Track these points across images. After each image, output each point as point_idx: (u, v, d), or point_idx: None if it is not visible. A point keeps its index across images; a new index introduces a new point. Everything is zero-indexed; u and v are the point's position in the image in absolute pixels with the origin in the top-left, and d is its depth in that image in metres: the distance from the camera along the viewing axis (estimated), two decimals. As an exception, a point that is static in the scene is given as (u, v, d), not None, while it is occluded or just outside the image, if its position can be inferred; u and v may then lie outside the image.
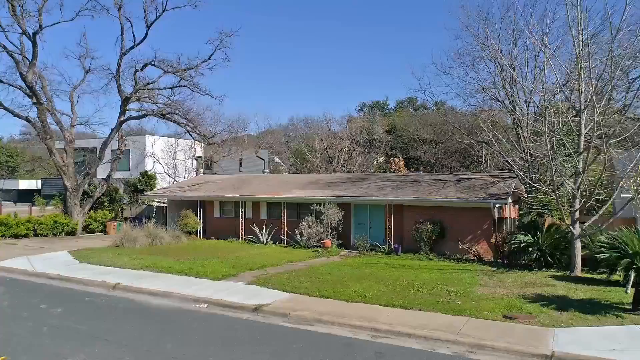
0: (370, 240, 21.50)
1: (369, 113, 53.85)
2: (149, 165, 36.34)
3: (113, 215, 28.59)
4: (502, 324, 9.68)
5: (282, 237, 23.31)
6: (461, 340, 8.66)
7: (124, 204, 29.84)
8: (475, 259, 18.73)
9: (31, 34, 23.15)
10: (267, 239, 23.30)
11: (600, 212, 15.22)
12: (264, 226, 23.62)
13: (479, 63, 22.23)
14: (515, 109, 19.74)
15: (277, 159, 51.28)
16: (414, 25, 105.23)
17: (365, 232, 22.12)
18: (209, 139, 25.62)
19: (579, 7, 14.81)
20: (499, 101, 20.74)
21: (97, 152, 27.39)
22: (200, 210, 25.78)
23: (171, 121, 25.55)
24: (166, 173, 34.38)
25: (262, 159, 46.66)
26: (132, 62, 25.19)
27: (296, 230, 22.54)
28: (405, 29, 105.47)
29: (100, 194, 27.85)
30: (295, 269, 16.03)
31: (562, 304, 11.18)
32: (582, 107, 15.13)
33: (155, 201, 29.29)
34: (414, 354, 8.39)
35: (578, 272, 15.29)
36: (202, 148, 41.19)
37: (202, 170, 38.43)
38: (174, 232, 23.45)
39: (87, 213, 27.71)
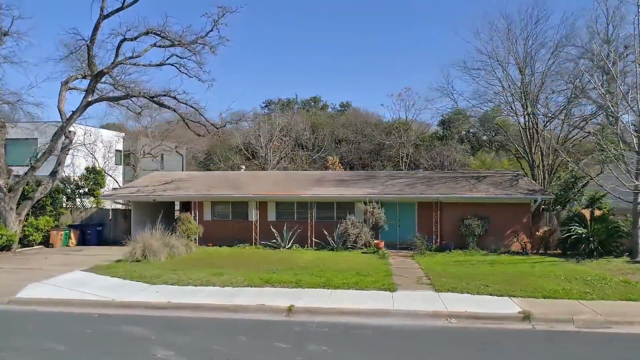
0: (400, 239, 21.17)
1: (281, 110, 52.43)
2: (67, 158, 29.22)
3: (55, 222, 22.12)
4: None
5: (312, 239, 21.15)
6: None
7: (61, 207, 23.22)
8: (522, 251, 19.88)
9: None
10: (288, 243, 20.87)
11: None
12: (285, 228, 21.11)
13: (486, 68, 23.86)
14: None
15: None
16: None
17: (395, 230, 21.62)
18: (217, 128, 21.50)
19: None
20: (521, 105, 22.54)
21: (49, 141, 20.87)
22: (196, 213, 21.73)
23: (159, 104, 20.84)
24: (102, 169, 27.99)
25: (181, 155, 41.78)
26: (117, 29, 19.77)
27: (325, 232, 20.78)
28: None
29: (43, 195, 21.25)
30: (421, 272, 14.77)
31: None
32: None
33: (119, 203, 23.56)
34: None
35: (640, 257, 17.48)
36: (123, 140, 34.86)
37: (129, 164, 32.38)
38: (180, 239, 19.28)
39: (24, 220, 20.90)
